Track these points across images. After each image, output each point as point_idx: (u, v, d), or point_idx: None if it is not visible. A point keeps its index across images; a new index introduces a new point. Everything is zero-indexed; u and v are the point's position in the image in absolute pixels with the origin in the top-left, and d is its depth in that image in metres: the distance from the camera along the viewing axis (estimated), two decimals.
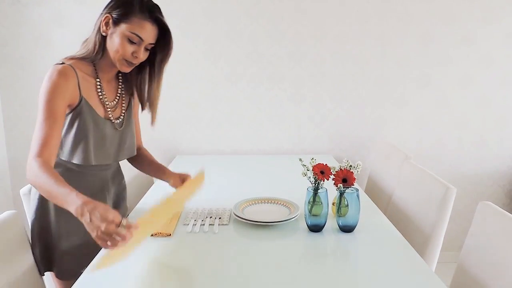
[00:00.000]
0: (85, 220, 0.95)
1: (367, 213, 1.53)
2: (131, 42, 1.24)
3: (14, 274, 1.19)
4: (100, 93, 1.32)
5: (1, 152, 2.53)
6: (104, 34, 1.26)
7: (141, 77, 1.39)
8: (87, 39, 1.31)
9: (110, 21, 1.24)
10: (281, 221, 1.41)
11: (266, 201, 1.62)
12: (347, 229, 1.38)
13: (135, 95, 1.44)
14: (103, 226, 0.92)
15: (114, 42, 1.24)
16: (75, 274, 1.27)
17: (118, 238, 0.93)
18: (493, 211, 1.24)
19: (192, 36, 2.48)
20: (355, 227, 1.38)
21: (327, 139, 2.63)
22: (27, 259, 1.28)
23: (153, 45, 1.29)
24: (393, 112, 2.60)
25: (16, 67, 2.47)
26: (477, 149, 2.65)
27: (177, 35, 2.54)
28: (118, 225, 0.94)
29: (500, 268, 1.14)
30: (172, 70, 2.51)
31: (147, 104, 1.42)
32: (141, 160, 1.58)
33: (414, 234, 1.63)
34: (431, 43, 2.51)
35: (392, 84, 2.56)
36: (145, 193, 1.85)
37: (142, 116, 1.53)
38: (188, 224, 1.43)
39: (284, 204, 1.58)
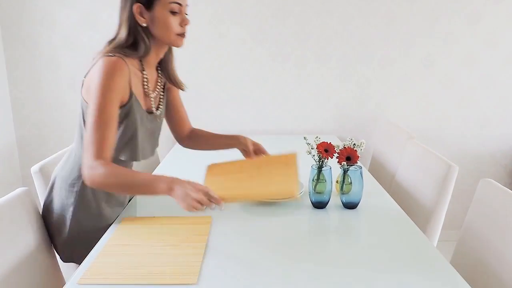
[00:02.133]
0: (175, 194, 1.08)
1: (370, 191, 1.56)
2: (173, 13, 1.22)
3: (25, 249, 1.23)
4: (146, 86, 1.31)
5: (10, 132, 2.57)
6: (145, 24, 1.22)
7: (170, 55, 1.40)
8: (114, 38, 1.25)
9: (142, 8, 1.21)
10: (286, 198, 1.45)
11: None
12: (350, 205, 1.41)
13: (170, 79, 1.43)
14: (197, 194, 1.06)
15: (161, 24, 1.22)
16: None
17: (212, 202, 1.09)
18: (494, 188, 1.27)
19: (197, 18, 2.48)
20: (358, 204, 1.42)
21: (331, 119, 2.64)
22: (38, 236, 1.31)
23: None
24: (396, 92, 2.61)
25: (22, 48, 2.49)
26: (480, 128, 2.66)
27: None
28: (207, 193, 1.08)
29: (500, 245, 1.17)
30: (176, 52, 2.51)
31: (177, 80, 1.44)
32: (205, 138, 1.60)
33: (417, 212, 1.67)
34: (435, 22, 2.50)
35: (396, 64, 2.56)
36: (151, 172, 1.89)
37: None
38: None
39: None
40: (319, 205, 1.42)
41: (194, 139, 1.61)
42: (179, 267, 1.04)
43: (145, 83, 1.31)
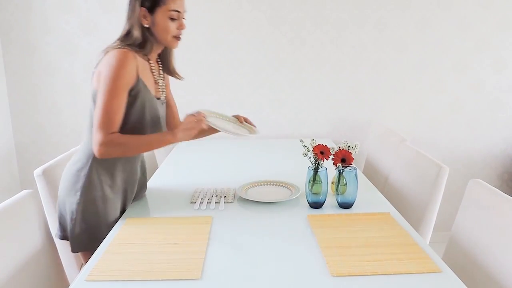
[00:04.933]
0: (179, 137, 1.36)
1: (364, 192, 1.62)
2: (172, 19, 1.38)
3: (31, 250, 1.26)
4: (154, 74, 1.46)
5: (8, 137, 2.60)
6: (147, 26, 1.37)
7: (168, 49, 1.53)
8: (128, 32, 1.38)
9: (146, 12, 1.36)
10: (284, 201, 1.50)
11: (268, 183, 1.70)
12: (345, 205, 1.46)
13: (169, 70, 1.58)
14: (190, 125, 1.37)
15: (160, 27, 1.37)
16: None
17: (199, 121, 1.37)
18: (483, 188, 1.32)
19: (194, 22, 2.53)
20: (353, 203, 1.47)
21: (326, 123, 2.70)
22: (43, 237, 1.35)
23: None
24: (390, 96, 2.67)
25: (21, 53, 2.52)
26: (471, 132, 2.73)
27: None
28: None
29: (490, 244, 1.22)
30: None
31: (175, 71, 1.59)
32: None
33: (409, 212, 1.72)
34: (427, 29, 2.57)
35: (389, 69, 2.63)
36: (151, 176, 1.93)
37: None
38: (195, 202, 1.52)
39: (285, 185, 1.67)
40: (316, 205, 1.47)
41: None
42: (182, 264, 1.09)
43: (153, 71, 1.46)
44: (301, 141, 1.52)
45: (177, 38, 1.42)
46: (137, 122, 1.38)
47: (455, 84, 2.66)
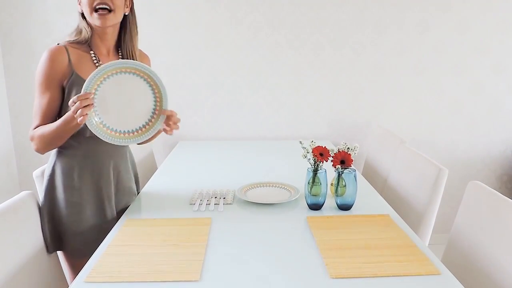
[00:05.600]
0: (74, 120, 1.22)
1: (363, 193, 1.62)
2: None
3: (30, 251, 1.26)
4: (97, 63, 1.39)
5: (7, 138, 2.60)
6: (80, 11, 1.36)
7: (128, 40, 1.45)
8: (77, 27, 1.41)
9: None
10: (283, 202, 1.50)
11: (267, 184, 1.70)
12: (344, 207, 1.46)
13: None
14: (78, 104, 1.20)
15: (82, 6, 1.33)
16: (84, 254, 1.35)
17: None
18: (482, 190, 1.33)
19: (193, 24, 2.53)
20: (352, 205, 1.47)
21: (325, 125, 2.70)
22: (42, 238, 1.35)
23: None
24: (389, 98, 2.67)
25: (20, 55, 2.52)
26: (470, 134, 2.74)
27: (177, 24, 2.60)
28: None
29: (489, 245, 1.22)
30: (173, 57, 2.57)
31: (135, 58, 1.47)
32: None
33: (408, 214, 1.72)
34: (426, 31, 2.58)
35: (388, 70, 2.63)
36: (149, 178, 1.92)
37: None
38: (194, 204, 1.51)
39: (284, 187, 1.67)
40: (315, 207, 1.47)
41: None
42: (181, 265, 1.09)
43: (95, 61, 1.39)
44: (301, 142, 1.52)
45: (100, 14, 1.30)
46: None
47: (454, 86, 2.66)
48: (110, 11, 1.32)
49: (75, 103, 1.20)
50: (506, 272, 1.13)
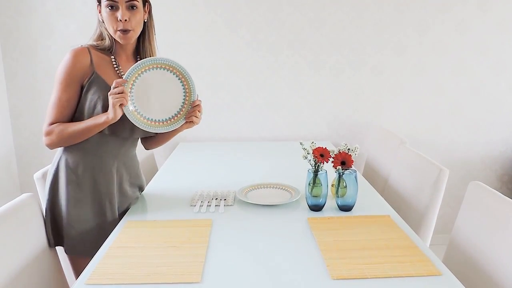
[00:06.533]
0: (110, 116, 1.29)
1: (364, 194, 1.62)
2: (111, 8, 1.33)
3: (31, 252, 1.26)
4: (116, 68, 1.43)
5: (8, 140, 2.60)
6: (101, 20, 1.39)
7: (148, 47, 1.50)
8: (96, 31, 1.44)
9: (98, 6, 1.37)
10: (284, 203, 1.50)
11: (268, 185, 1.70)
12: (345, 208, 1.46)
13: None
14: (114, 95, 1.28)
15: (104, 20, 1.36)
16: (83, 253, 1.35)
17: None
18: (483, 190, 1.32)
19: (192, 26, 2.54)
20: (353, 206, 1.47)
21: (325, 125, 2.70)
22: (43, 239, 1.35)
23: (132, 2, 1.34)
24: (389, 98, 2.67)
25: (20, 57, 2.52)
26: (470, 134, 2.73)
27: (177, 25, 2.60)
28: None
29: (490, 246, 1.22)
30: (173, 59, 2.56)
31: None
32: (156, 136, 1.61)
33: (409, 215, 1.72)
34: (426, 31, 2.58)
35: (389, 71, 2.64)
36: (150, 179, 1.93)
37: None
38: (195, 205, 1.51)
39: (285, 188, 1.67)
40: (316, 208, 1.47)
41: (154, 136, 1.61)
42: (182, 267, 1.09)
43: (114, 65, 1.43)
44: (301, 143, 1.52)
45: (122, 32, 1.35)
46: (91, 113, 1.36)
47: (454, 86, 2.66)
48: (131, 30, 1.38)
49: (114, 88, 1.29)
50: (508, 272, 1.13)
